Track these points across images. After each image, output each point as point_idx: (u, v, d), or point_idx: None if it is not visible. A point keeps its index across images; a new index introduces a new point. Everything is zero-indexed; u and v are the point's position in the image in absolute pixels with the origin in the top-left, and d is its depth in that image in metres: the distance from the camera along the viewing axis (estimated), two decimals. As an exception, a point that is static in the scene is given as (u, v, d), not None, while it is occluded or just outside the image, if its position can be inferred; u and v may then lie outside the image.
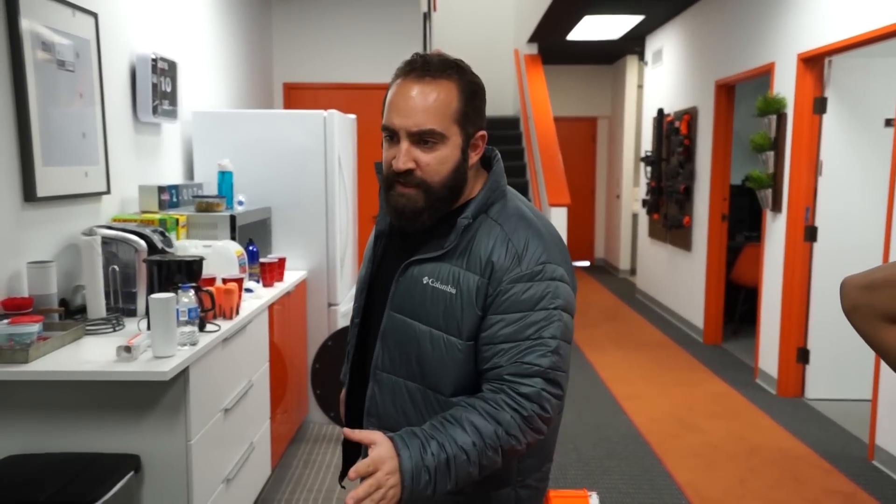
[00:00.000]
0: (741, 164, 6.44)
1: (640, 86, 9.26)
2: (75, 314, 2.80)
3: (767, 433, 4.36)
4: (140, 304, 2.91)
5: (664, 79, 7.88)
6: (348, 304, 4.57)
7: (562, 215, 6.31)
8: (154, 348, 2.40)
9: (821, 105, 4.75)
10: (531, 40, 8.66)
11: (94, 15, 3.14)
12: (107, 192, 3.28)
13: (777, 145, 5.16)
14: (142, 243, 2.92)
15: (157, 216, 3.39)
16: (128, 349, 2.34)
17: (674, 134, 7.37)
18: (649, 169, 8.27)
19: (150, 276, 2.85)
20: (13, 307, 2.49)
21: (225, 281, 3.03)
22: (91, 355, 2.45)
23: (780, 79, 5.11)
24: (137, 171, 3.69)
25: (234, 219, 3.64)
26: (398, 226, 1.51)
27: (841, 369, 4.81)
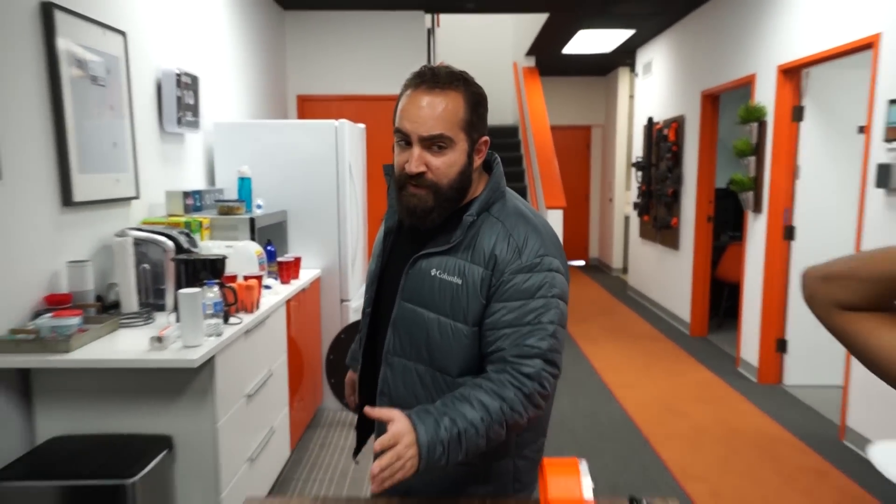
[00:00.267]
0: (725, 168, 6.44)
1: (632, 96, 9.23)
2: (110, 309, 2.82)
3: (748, 417, 4.40)
4: (168, 299, 2.89)
5: (653, 89, 7.88)
6: (359, 299, 4.54)
7: (558, 217, 6.32)
8: (183, 338, 2.44)
9: (798, 113, 4.78)
10: (529, 54, 8.67)
11: (123, 34, 3.15)
12: (136, 198, 3.29)
13: (758, 151, 5.18)
14: (169, 244, 2.93)
15: (183, 219, 3.40)
16: (159, 339, 2.39)
17: (662, 141, 7.37)
18: (640, 174, 8.26)
19: (178, 273, 2.89)
20: (55, 302, 2.54)
21: (246, 278, 3.04)
22: (126, 345, 2.49)
23: (760, 89, 5.14)
24: (163, 177, 3.70)
25: (253, 221, 3.65)
26: (409, 223, 1.54)
27: (816, 358, 4.84)
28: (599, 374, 5.34)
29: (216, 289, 2.66)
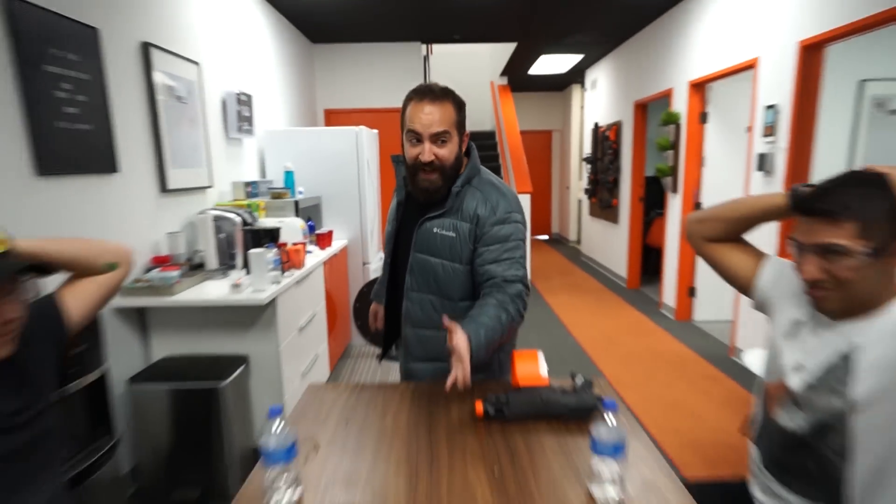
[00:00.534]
0: (652, 160, 6.34)
1: (582, 106, 9.09)
2: (197, 267, 2.89)
3: (666, 344, 4.54)
4: (238, 259, 2.96)
5: (598, 101, 7.81)
6: (377, 262, 4.62)
7: (526, 199, 6.25)
8: (253, 285, 2.57)
9: (704, 117, 4.84)
10: (502, 74, 8.56)
11: (197, 63, 3.19)
12: (210, 186, 3.34)
13: (675, 146, 5.19)
14: (238, 219, 2.99)
15: (245, 202, 3.44)
16: (237, 286, 2.53)
17: (605, 140, 7.39)
18: (589, 166, 8.26)
19: (245, 240, 2.97)
20: (159, 262, 2.67)
21: (294, 244, 3.11)
22: (212, 291, 2.60)
23: (676, 99, 5.17)
24: (229, 171, 3.73)
25: (297, 203, 3.70)
26: (422, 201, 1.64)
27: (716, 300, 4.94)
28: (559, 316, 5.44)
29: (275, 250, 2.79)
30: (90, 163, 2.25)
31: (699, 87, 4.81)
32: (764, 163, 3.63)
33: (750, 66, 3.89)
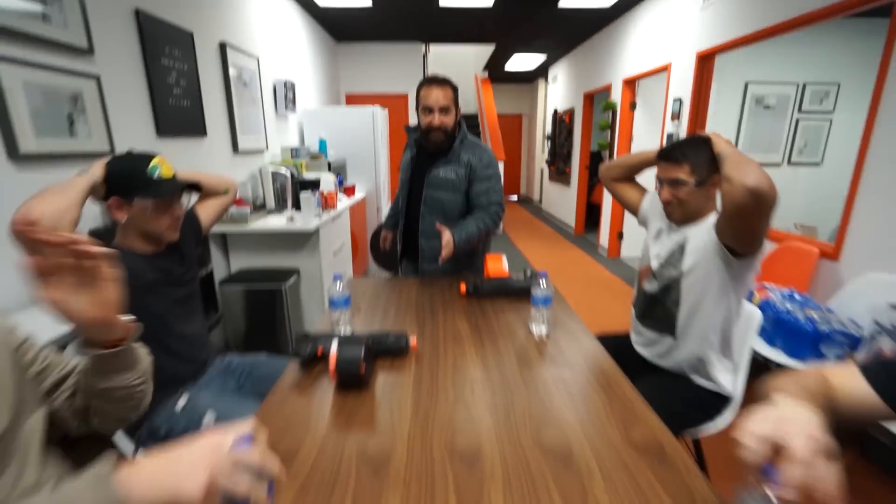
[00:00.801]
0: (595, 138, 6.45)
1: (546, 96, 8.97)
2: (260, 207, 3.07)
3: (599, 272, 4.75)
4: (289, 202, 3.15)
5: (558, 92, 7.73)
6: (387, 209, 4.69)
7: (501, 166, 6.42)
8: (303, 219, 2.77)
9: (633, 106, 4.92)
10: (484, 68, 8.54)
11: (257, 58, 3.31)
12: (266, 149, 3.48)
13: (612, 127, 5.28)
14: (288, 173, 3.17)
15: (291, 161, 3.59)
16: (291, 219, 2.73)
17: (562, 123, 7.39)
18: (549, 143, 8.28)
19: (294, 188, 3.15)
20: (236, 203, 2.78)
21: (328, 192, 3.18)
22: (273, 222, 2.77)
23: (614, 91, 5.19)
24: (278, 139, 3.80)
25: (329, 164, 3.82)
26: (432, 151, 1.86)
27: (637, 242, 5.05)
28: (522, 253, 5.57)
29: (317, 194, 3.00)
30: (189, 129, 2.46)
31: (630, 83, 4.87)
32: (671, 140, 3.78)
33: (665, 69, 4.01)
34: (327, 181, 3.42)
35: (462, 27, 5.55)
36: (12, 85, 1.46)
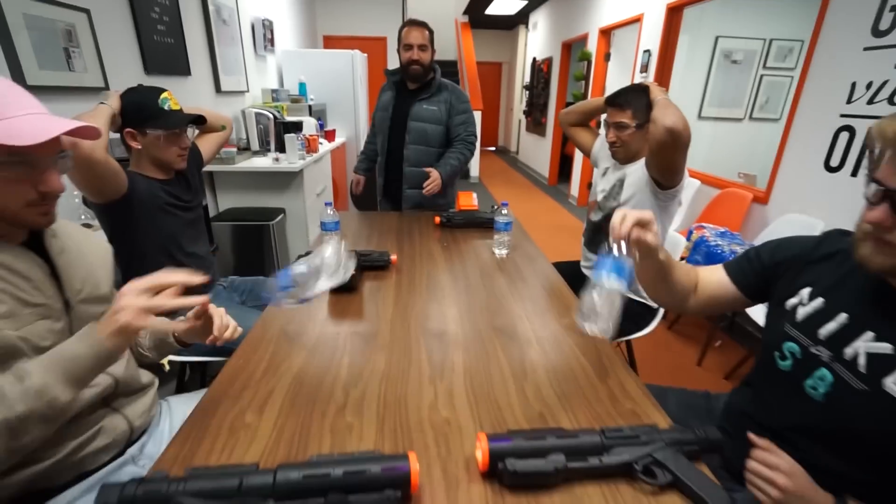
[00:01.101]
0: (571, 88, 6.46)
1: (526, 44, 8.92)
2: (244, 149, 3.14)
3: (569, 220, 5.00)
4: (272, 143, 3.24)
5: (538, 40, 7.75)
6: None
7: (478, 115, 6.21)
8: (288, 159, 2.88)
9: (608, 56, 5.00)
10: (464, 13, 8.37)
11: None
12: (247, 91, 3.51)
13: (587, 77, 5.41)
14: (271, 115, 3.25)
15: (272, 105, 3.59)
16: (277, 159, 2.86)
17: (540, 72, 7.42)
18: (527, 92, 8.31)
19: (277, 130, 3.22)
20: None
21: (311, 135, 3.27)
22: (259, 162, 2.89)
23: (590, 42, 5.24)
24: (258, 80, 3.80)
25: (310, 107, 3.80)
26: (411, 86, 2.11)
27: None
28: (497, 202, 5.69)
29: (300, 136, 3.08)
30: (174, 67, 2.53)
31: (606, 33, 4.94)
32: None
33: (637, 20, 4.13)
34: (309, 125, 3.52)
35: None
36: (14, 19, 1.56)
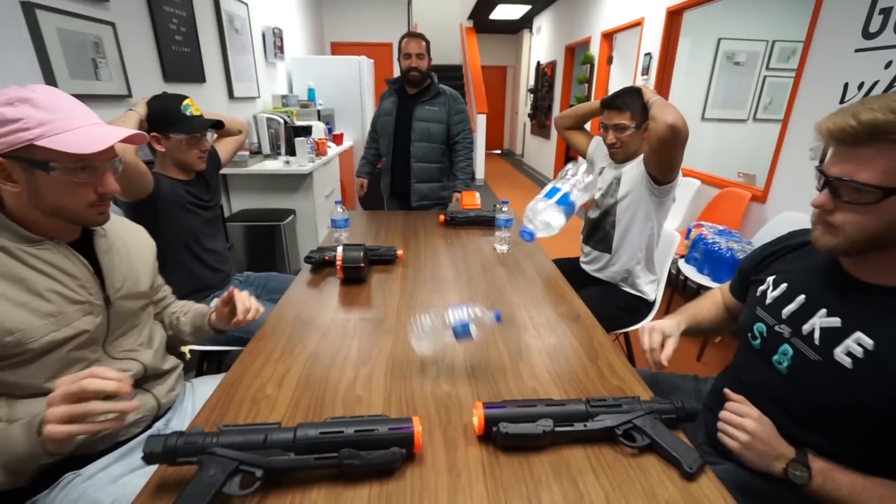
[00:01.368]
0: (575, 91, 6.54)
1: (530, 48, 8.99)
2: (256, 153, 3.29)
3: (573, 220, 5.04)
4: (283, 147, 3.33)
5: (541, 44, 7.87)
6: None
7: (483, 119, 6.56)
8: (298, 162, 2.98)
9: (610, 59, 5.12)
10: (469, 18, 8.52)
11: (247, 4, 3.41)
12: (258, 97, 3.64)
13: (590, 80, 5.48)
14: (282, 120, 3.35)
15: (283, 110, 3.70)
16: (287, 162, 2.96)
17: (544, 76, 7.53)
18: (532, 95, 8.40)
19: (287, 134, 3.34)
20: None
21: (320, 139, 3.35)
22: (270, 165, 3.00)
23: (593, 45, 5.35)
24: (269, 86, 3.92)
25: (319, 112, 4.00)
26: (411, 91, 2.30)
27: None
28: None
29: (310, 140, 3.23)
30: (191, 74, 2.66)
31: (608, 37, 5.06)
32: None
33: (638, 24, 4.22)
34: (318, 129, 3.63)
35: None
36: (49, 33, 1.68)
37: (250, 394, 0.93)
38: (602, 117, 1.71)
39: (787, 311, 0.87)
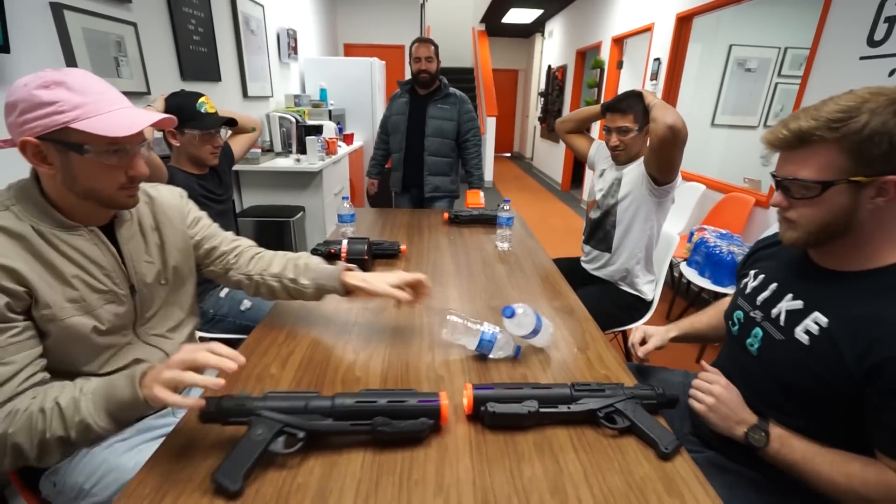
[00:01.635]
0: (585, 95, 6.46)
1: (542, 52, 8.98)
2: (267, 151, 3.34)
3: (579, 223, 5.03)
4: (294, 146, 3.42)
5: (553, 48, 7.87)
6: None
7: (493, 122, 6.60)
8: (309, 160, 3.06)
9: (620, 64, 5.10)
10: (481, 22, 8.53)
11: (262, 6, 3.51)
12: (271, 96, 3.73)
13: (599, 85, 5.51)
14: (293, 119, 3.42)
15: (295, 109, 3.79)
16: (298, 160, 3.04)
17: (555, 80, 7.52)
18: (542, 99, 8.38)
19: (299, 133, 3.41)
20: None
21: (330, 138, 3.45)
22: (281, 163, 3.06)
23: (603, 49, 5.35)
24: (282, 86, 4.03)
25: (330, 112, 4.07)
26: (422, 92, 2.44)
27: None
28: (513, 207, 6.04)
29: (321, 139, 3.31)
30: (207, 73, 2.76)
31: (618, 41, 5.06)
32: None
33: (648, 29, 4.23)
34: (329, 128, 3.71)
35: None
36: (75, 32, 1.77)
37: (256, 372, 0.99)
38: (606, 120, 1.76)
39: (761, 298, 0.94)
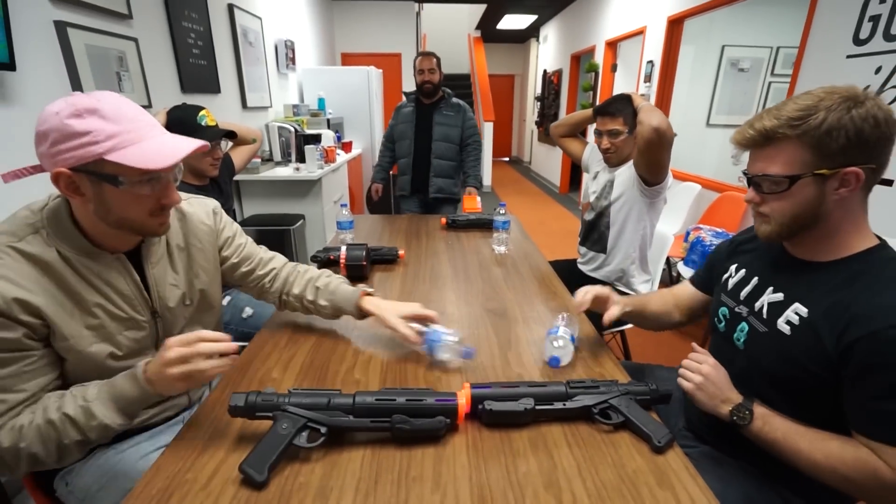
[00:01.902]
0: (580, 98, 6.55)
1: (537, 56, 9.09)
2: (267, 160, 3.34)
3: (577, 226, 5.23)
4: (293, 155, 3.42)
5: (548, 52, 7.94)
6: None
7: (490, 126, 6.67)
8: (308, 169, 3.08)
9: (614, 67, 5.15)
10: (477, 28, 8.59)
11: (260, 18, 3.54)
12: (270, 107, 3.75)
13: (594, 88, 5.55)
14: (292, 129, 3.44)
15: (293, 119, 3.81)
16: (297, 168, 3.08)
17: (551, 84, 7.58)
18: (539, 103, 8.44)
19: (298, 142, 3.42)
20: None
21: (329, 146, 3.46)
22: (280, 172, 3.09)
23: (597, 53, 5.44)
24: (281, 96, 4.05)
25: (328, 120, 4.07)
26: (427, 101, 2.56)
27: None
28: (511, 211, 6.08)
29: (319, 147, 3.31)
30: (207, 86, 2.79)
31: (612, 45, 5.13)
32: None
33: (641, 32, 4.29)
34: (327, 137, 3.73)
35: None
36: (78, 48, 1.81)
37: (258, 376, 1.01)
38: (597, 123, 1.79)
39: (744, 293, 0.97)
